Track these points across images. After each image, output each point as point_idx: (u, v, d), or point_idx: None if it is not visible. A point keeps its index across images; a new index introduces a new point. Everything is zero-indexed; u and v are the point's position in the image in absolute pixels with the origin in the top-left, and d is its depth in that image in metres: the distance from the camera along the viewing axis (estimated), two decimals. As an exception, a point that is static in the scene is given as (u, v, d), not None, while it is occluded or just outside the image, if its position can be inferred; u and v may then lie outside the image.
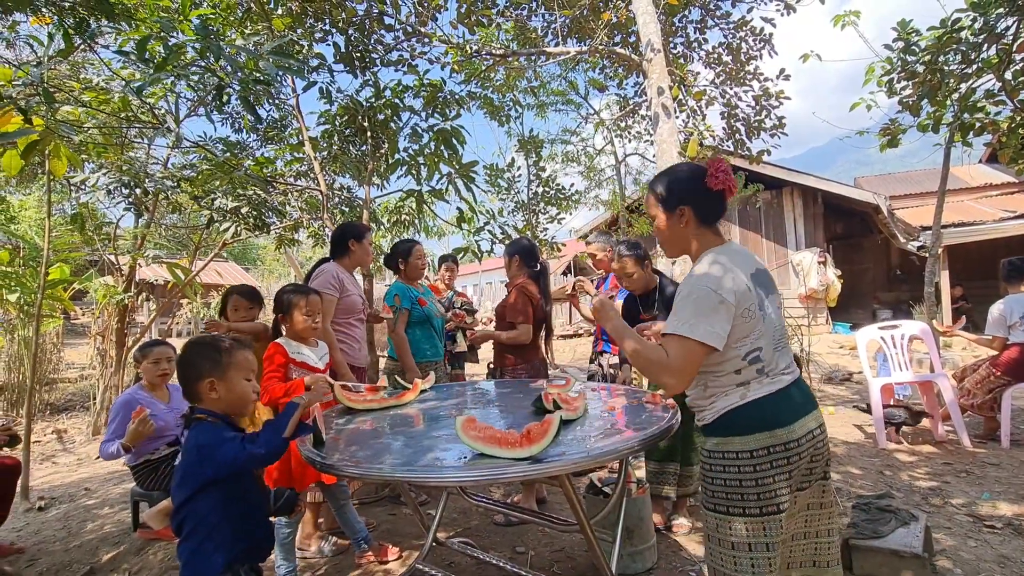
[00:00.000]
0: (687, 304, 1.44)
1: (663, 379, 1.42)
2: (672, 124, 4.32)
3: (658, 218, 1.63)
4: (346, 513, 2.64)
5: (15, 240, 6.45)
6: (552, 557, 2.64)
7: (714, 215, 1.58)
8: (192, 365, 1.55)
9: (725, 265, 1.47)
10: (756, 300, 1.46)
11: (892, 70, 5.39)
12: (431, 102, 5.42)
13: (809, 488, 1.53)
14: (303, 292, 2.45)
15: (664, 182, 1.62)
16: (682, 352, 1.40)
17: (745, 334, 1.45)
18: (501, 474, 1.33)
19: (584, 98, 8.92)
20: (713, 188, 1.52)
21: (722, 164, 1.51)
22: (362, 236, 3.13)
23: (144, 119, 4.34)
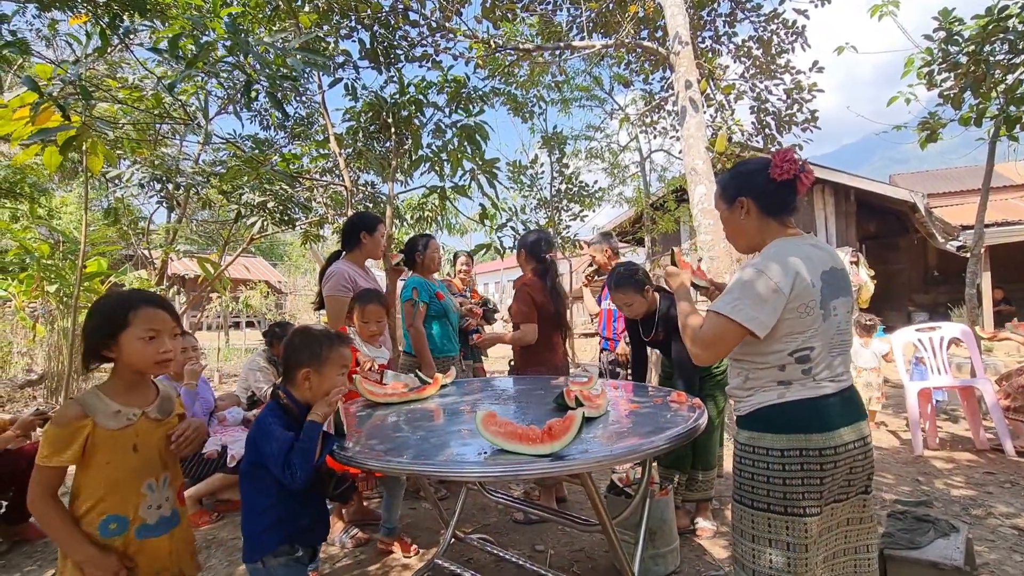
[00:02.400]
0: (737, 286, 1.43)
1: (691, 347, 1.48)
2: (700, 119, 4.23)
3: (720, 211, 1.62)
4: (395, 500, 2.70)
5: (56, 235, 6.70)
6: (572, 557, 2.61)
7: (781, 207, 1.53)
8: (296, 351, 1.64)
9: (787, 256, 1.43)
10: (818, 298, 1.41)
11: (933, 61, 5.17)
12: (455, 98, 5.42)
13: (847, 501, 1.48)
14: (365, 299, 2.59)
15: (727, 175, 1.62)
16: (716, 327, 1.42)
17: (797, 330, 1.41)
18: (521, 470, 1.30)
19: (609, 94, 8.81)
20: (778, 178, 1.47)
21: (788, 154, 1.47)
22: (374, 228, 3.08)
23: (176, 116, 4.45)
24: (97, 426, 1.33)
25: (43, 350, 7.38)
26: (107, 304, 1.43)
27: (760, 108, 6.85)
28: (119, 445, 1.37)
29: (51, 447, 1.30)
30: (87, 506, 1.35)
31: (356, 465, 1.45)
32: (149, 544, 1.42)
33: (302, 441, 1.50)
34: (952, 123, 5.52)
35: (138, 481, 1.41)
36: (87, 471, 1.34)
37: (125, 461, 1.38)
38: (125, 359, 1.39)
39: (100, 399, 1.37)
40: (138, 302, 1.41)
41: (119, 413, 1.37)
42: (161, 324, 1.41)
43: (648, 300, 2.60)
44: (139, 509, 1.41)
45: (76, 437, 1.31)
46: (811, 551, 1.41)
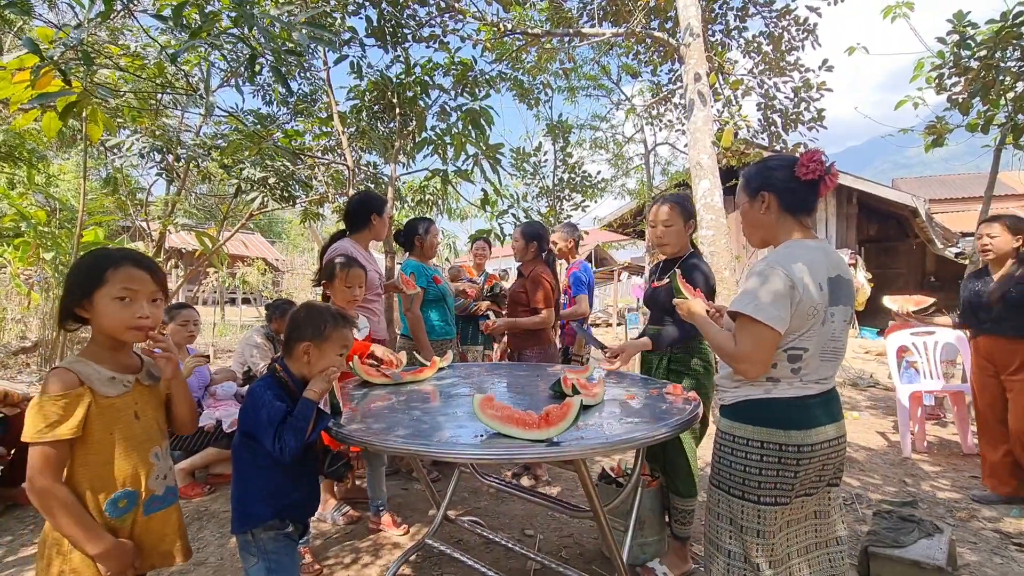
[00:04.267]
0: (756, 284, 1.43)
1: (736, 367, 1.47)
2: (708, 112, 4.20)
3: (741, 203, 1.63)
4: (377, 476, 2.72)
5: (53, 202, 6.64)
6: (560, 542, 2.64)
7: (802, 206, 1.55)
8: (300, 326, 1.62)
9: (802, 258, 1.44)
10: (823, 303, 1.44)
11: (944, 65, 5.13)
12: (461, 81, 5.36)
13: (816, 494, 1.55)
14: (346, 265, 2.47)
15: (752, 168, 1.62)
16: (751, 338, 1.42)
17: (795, 329, 1.43)
18: (517, 454, 1.31)
19: (616, 84, 8.72)
20: (803, 177, 1.49)
21: (816, 155, 1.48)
22: (383, 209, 3.07)
23: (178, 87, 4.39)
24: (96, 394, 1.23)
25: (38, 318, 7.36)
26: (87, 259, 1.31)
27: (767, 105, 6.81)
28: (121, 414, 1.27)
29: (47, 419, 1.16)
30: (91, 484, 1.23)
31: (351, 443, 1.45)
32: (155, 520, 1.34)
33: (295, 417, 1.50)
34: (958, 129, 5.50)
35: (146, 450, 1.32)
36: (87, 445, 1.22)
37: (130, 430, 1.28)
38: (97, 320, 1.27)
39: (90, 365, 1.25)
40: (119, 259, 1.29)
41: (114, 380, 1.27)
42: (139, 285, 1.28)
43: (685, 236, 2.37)
44: (148, 480, 1.32)
45: (76, 406, 1.19)
46: (778, 538, 1.49)
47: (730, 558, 1.50)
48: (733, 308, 1.45)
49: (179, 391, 1.45)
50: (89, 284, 1.25)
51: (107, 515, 1.24)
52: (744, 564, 1.48)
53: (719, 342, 1.51)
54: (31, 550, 2.62)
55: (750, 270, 1.51)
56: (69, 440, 1.18)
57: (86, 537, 1.19)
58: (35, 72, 2.87)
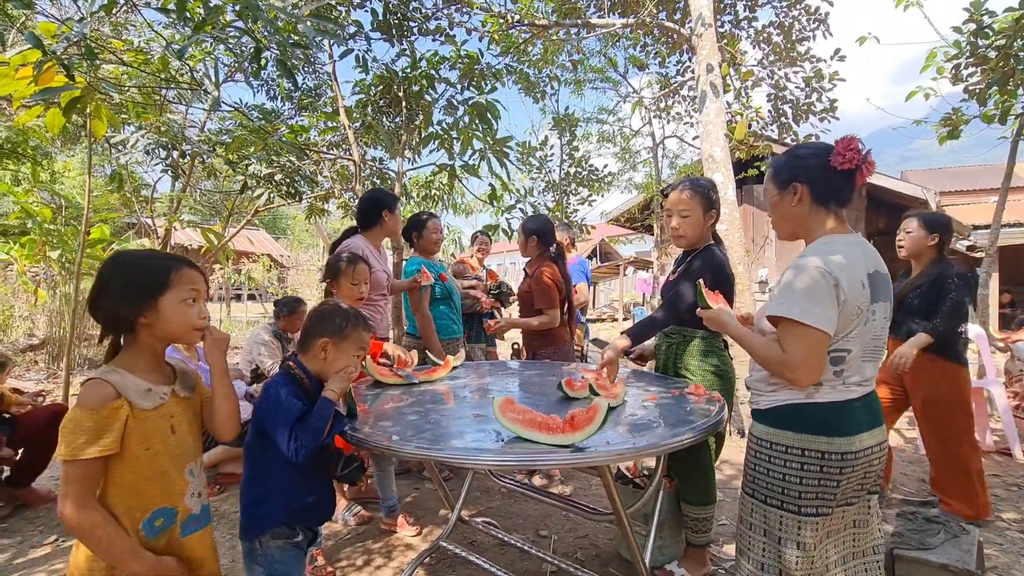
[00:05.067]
0: (797, 286, 1.35)
1: (787, 376, 1.36)
2: (720, 104, 4.12)
3: (770, 194, 1.54)
4: (386, 476, 2.68)
5: (58, 199, 6.62)
6: (575, 543, 2.60)
7: (836, 197, 1.46)
8: (322, 320, 1.59)
9: (842, 253, 1.36)
10: (866, 301, 1.36)
11: (960, 55, 5.02)
12: (467, 74, 5.29)
13: (857, 504, 1.48)
14: (351, 261, 2.42)
15: (782, 157, 1.53)
16: (801, 344, 1.33)
17: (839, 330, 1.35)
18: (541, 460, 1.27)
19: (623, 76, 8.62)
20: (838, 167, 1.40)
21: (853, 143, 1.38)
22: (394, 206, 3.01)
23: (182, 82, 4.34)
24: (133, 407, 1.16)
25: (45, 315, 7.36)
26: (142, 264, 1.24)
27: (777, 96, 6.70)
28: (157, 427, 1.20)
29: (85, 435, 1.08)
30: (127, 503, 1.16)
31: (368, 447, 1.40)
32: (193, 541, 1.27)
33: (314, 417, 1.45)
34: (973, 120, 5.40)
35: (182, 465, 1.26)
36: (124, 462, 1.14)
37: (165, 445, 1.22)
38: (162, 326, 1.21)
39: (126, 376, 1.17)
40: (177, 262, 1.26)
41: (150, 391, 1.20)
42: (199, 285, 1.27)
43: (703, 227, 2.20)
44: (185, 498, 1.26)
45: (114, 420, 1.11)
46: (819, 550, 1.43)
47: (763, 570, 1.44)
48: (776, 313, 1.36)
49: (223, 387, 1.37)
50: (154, 289, 1.20)
51: (143, 535, 1.17)
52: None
53: (764, 352, 1.41)
54: (40, 551, 2.60)
55: (784, 275, 1.43)
56: (105, 457, 1.11)
57: (129, 556, 1.12)
58: (38, 67, 2.82)
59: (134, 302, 1.18)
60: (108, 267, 1.22)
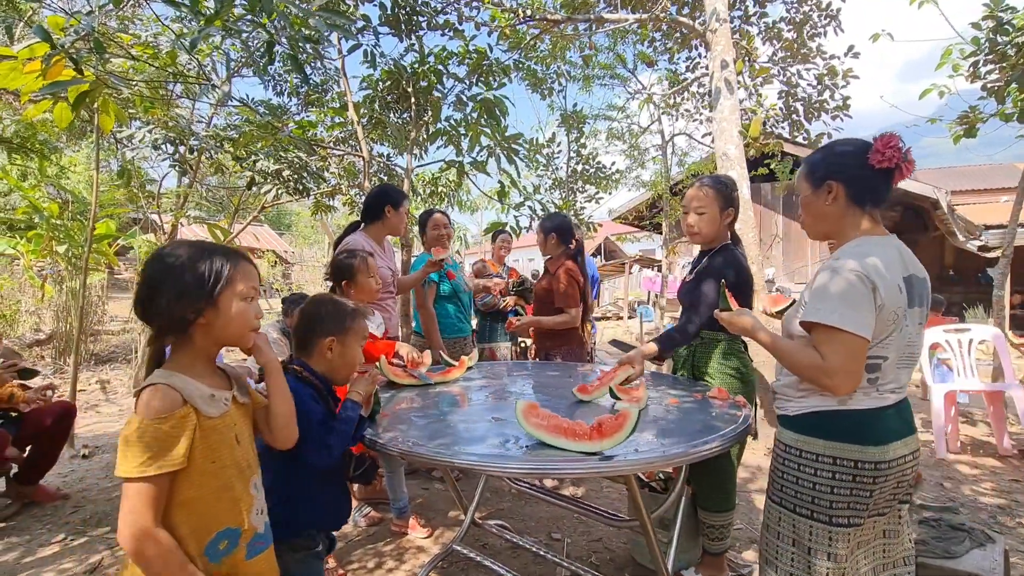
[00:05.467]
0: (833, 290, 1.29)
1: (824, 383, 1.31)
2: (734, 101, 4.05)
3: (803, 192, 1.48)
4: (396, 477, 2.64)
5: (64, 194, 6.61)
6: (589, 547, 2.56)
7: (873, 197, 1.40)
8: (320, 320, 1.51)
9: (879, 256, 1.31)
10: (903, 306, 1.31)
11: (979, 51, 4.93)
12: (476, 70, 5.23)
13: (888, 514, 1.43)
14: (360, 257, 2.38)
15: (817, 154, 1.47)
16: (838, 350, 1.27)
17: (875, 336, 1.30)
18: (566, 468, 1.22)
19: (632, 72, 8.54)
20: (876, 165, 1.34)
21: (893, 140, 1.32)
22: (399, 203, 2.93)
23: (190, 77, 4.30)
24: (200, 415, 1.04)
25: (51, 310, 7.36)
26: (199, 258, 1.10)
27: (789, 93, 6.62)
28: (224, 438, 1.08)
29: (151, 448, 0.95)
30: (191, 525, 1.03)
31: (390, 452, 1.36)
32: (260, 563, 1.15)
33: (341, 420, 1.41)
34: (986, 118, 5.30)
35: (247, 479, 1.14)
36: (190, 477, 1.02)
37: (232, 456, 1.10)
38: (221, 326, 1.10)
39: (188, 381, 1.05)
40: (235, 256, 1.14)
41: (213, 397, 1.08)
42: (257, 282, 1.16)
43: (720, 225, 2.13)
44: (250, 515, 1.13)
45: (182, 430, 0.99)
46: (850, 561, 1.38)
47: None
48: (812, 318, 1.31)
49: (280, 386, 1.25)
50: (214, 286, 1.08)
51: (207, 560, 1.05)
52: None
53: (799, 359, 1.35)
54: (49, 550, 2.57)
55: (817, 278, 1.37)
56: (172, 473, 0.99)
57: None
58: (46, 61, 2.79)
59: (194, 301, 1.06)
60: (156, 265, 1.09)
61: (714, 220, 2.13)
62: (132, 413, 1.01)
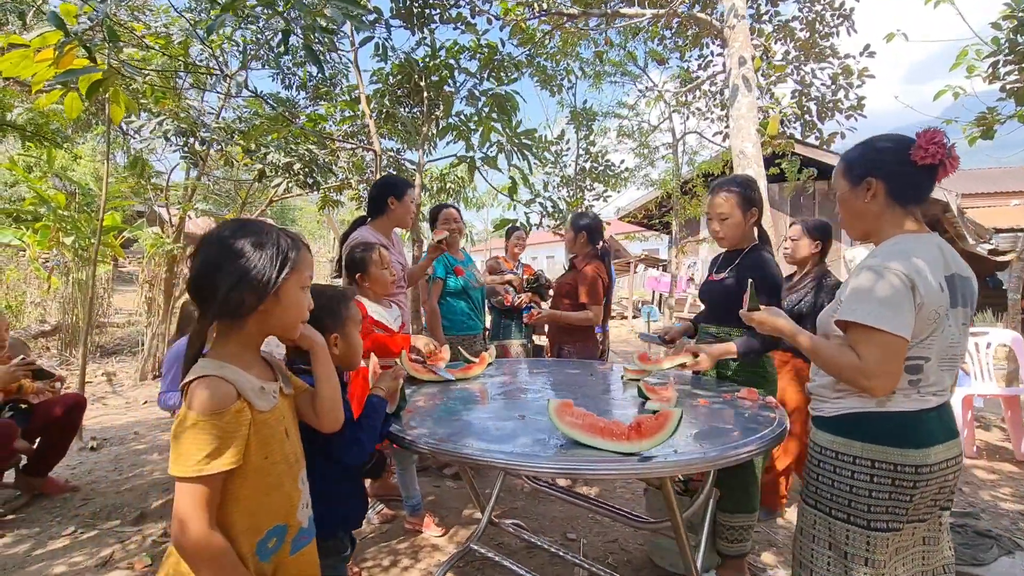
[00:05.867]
0: (871, 289, 1.26)
1: (862, 384, 1.27)
2: (752, 99, 4.00)
3: (840, 189, 1.44)
4: (408, 474, 2.61)
5: (70, 185, 6.57)
6: (605, 548, 2.53)
7: (914, 195, 1.36)
8: (318, 320, 1.41)
9: (919, 255, 1.27)
10: (945, 305, 1.27)
11: (999, 51, 4.86)
12: (487, 65, 5.19)
13: (928, 520, 1.39)
14: (370, 248, 2.34)
15: (856, 150, 1.43)
16: (878, 351, 1.24)
17: (915, 336, 1.26)
18: (604, 469, 1.18)
19: (643, 69, 8.47)
20: (919, 162, 1.30)
21: (937, 135, 1.28)
22: (403, 193, 2.83)
23: (201, 68, 4.27)
24: (253, 409, 0.98)
25: (57, 302, 7.34)
26: (267, 240, 1.02)
27: (802, 92, 6.56)
28: (274, 432, 1.03)
29: (208, 446, 0.90)
30: (243, 524, 0.98)
31: (419, 449, 1.33)
32: (303, 558, 1.11)
33: (368, 416, 1.37)
34: (1004, 120, 5.24)
35: (295, 474, 1.09)
36: (244, 475, 0.97)
37: (282, 451, 1.05)
38: (279, 315, 1.04)
39: (239, 373, 0.99)
40: (296, 241, 1.07)
41: (263, 390, 1.02)
42: (312, 271, 1.11)
43: (746, 227, 2.15)
44: (298, 510, 1.09)
45: (239, 426, 0.94)
46: (888, 568, 1.34)
47: None
48: (849, 318, 1.27)
49: (326, 369, 1.19)
50: (280, 270, 1.01)
51: (257, 559, 1.00)
52: None
53: (836, 359, 1.32)
54: (60, 543, 2.55)
55: (855, 276, 1.34)
56: (228, 471, 0.94)
57: None
58: (59, 48, 2.75)
59: (258, 287, 0.99)
60: (219, 245, 1.01)
61: (739, 223, 2.14)
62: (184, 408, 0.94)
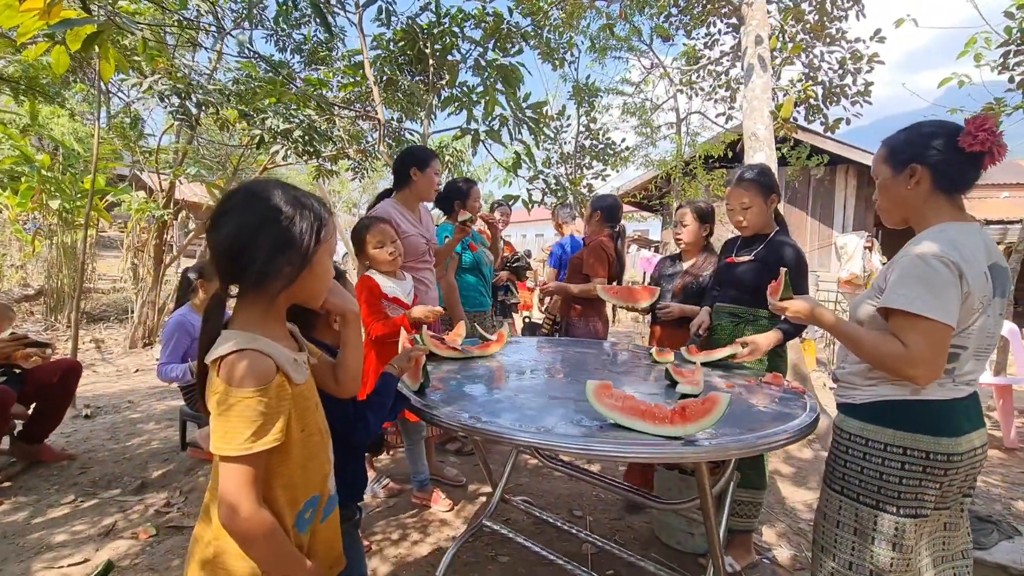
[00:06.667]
0: (918, 277, 1.23)
1: (908, 372, 1.25)
2: (767, 79, 3.94)
3: (882, 176, 1.40)
4: (417, 451, 2.59)
5: (50, 144, 6.29)
6: (612, 525, 2.55)
7: (960, 183, 1.32)
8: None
9: (965, 243, 1.25)
10: (988, 294, 1.26)
11: (1010, 41, 4.84)
12: (493, 33, 5.02)
13: (952, 507, 1.41)
14: (367, 225, 2.27)
15: (901, 135, 1.38)
16: (925, 339, 1.22)
17: (959, 326, 1.25)
18: (646, 452, 1.17)
19: (649, 46, 8.30)
20: (967, 149, 1.26)
21: (987, 122, 1.24)
22: (425, 163, 2.72)
23: (194, 26, 4.06)
24: (291, 382, 0.95)
25: (41, 266, 7.12)
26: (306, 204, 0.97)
27: (809, 76, 6.49)
28: (308, 404, 1.01)
29: (255, 422, 0.86)
30: (284, 498, 0.96)
31: (451, 427, 1.30)
32: (330, 524, 1.10)
33: (378, 393, 1.35)
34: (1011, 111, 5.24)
35: (327, 445, 1.09)
36: (286, 451, 0.95)
37: (316, 423, 1.03)
38: (309, 285, 1.00)
39: (273, 345, 0.94)
40: (327, 206, 1.03)
41: (296, 362, 0.99)
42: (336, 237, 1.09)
43: (767, 214, 2.19)
44: (328, 479, 1.08)
45: (283, 400, 0.91)
46: (914, 552, 1.36)
47: (851, 569, 1.38)
48: (896, 305, 1.25)
49: (355, 336, 1.18)
50: (314, 238, 0.97)
51: (296, 531, 0.99)
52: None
53: (879, 347, 1.29)
54: (60, 511, 2.51)
55: (899, 264, 1.32)
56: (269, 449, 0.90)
57: (298, 565, 0.95)
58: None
59: (295, 255, 0.94)
60: (252, 207, 0.94)
61: (761, 211, 2.18)
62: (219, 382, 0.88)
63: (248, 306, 0.97)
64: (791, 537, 2.48)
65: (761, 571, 2.20)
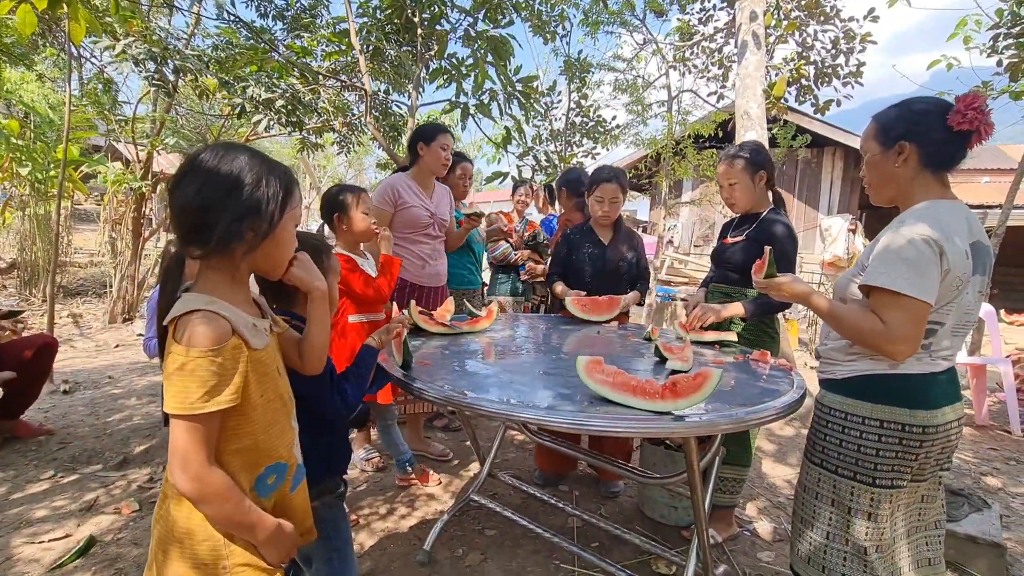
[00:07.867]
0: (899, 254, 1.24)
1: (887, 348, 1.27)
2: (761, 56, 3.89)
3: (870, 152, 1.40)
4: (391, 434, 2.55)
5: (25, 110, 6.02)
6: (597, 500, 2.59)
7: (946, 160, 1.32)
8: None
9: (946, 219, 1.26)
10: (967, 272, 1.27)
11: (1001, 24, 4.83)
12: (484, 3, 4.88)
13: (929, 479, 1.44)
14: (354, 190, 2.22)
15: (891, 112, 1.38)
16: (904, 316, 1.23)
17: (938, 303, 1.27)
18: (636, 427, 1.17)
19: (642, 21, 8.15)
20: (955, 127, 1.26)
21: (977, 100, 1.24)
22: (431, 138, 2.69)
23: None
24: (249, 346, 0.94)
25: (14, 238, 6.88)
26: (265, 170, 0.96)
27: (801, 55, 6.45)
28: (268, 370, 1.00)
29: (205, 383, 0.86)
30: (240, 462, 0.96)
31: (439, 403, 1.28)
32: (299, 494, 1.10)
33: (357, 366, 1.35)
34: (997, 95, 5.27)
35: (289, 412, 1.08)
36: (243, 413, 0.95)
37: (276, 389, 1.02)
38: (272, 252, 1.00)
39: (231, 309, 0.93)
40: (291, 173, 1.01)
41: (255, 327, 0.98)
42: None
43: (756, 191, 2.16)
44: (293, 448, 1.08)
45: (236, 363, 0.91)
46: (889, 523, 1.40)
47: (828, 539, 1.42)
48: (877, 283, 1.26)
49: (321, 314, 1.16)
50: (281, 205, 0.97)
51: (256, 495, 0.99)
52: (846, 547, 1.40)
53: (859, 324, 1.31)
54: (37, 487, 2.46)
55: (882, 241, 1.32)
56: (224, 410, 0.90)
57: (256, 522, 0.95)
58: (15, -52, 2.44)
59: (259, 222, 0.93)
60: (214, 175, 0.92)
61: (749, 188, 2.17)
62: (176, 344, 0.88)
63: (209, 271, 0.96)
64: (771, 511, 2.54)
65: (742, 543, 2.25)
